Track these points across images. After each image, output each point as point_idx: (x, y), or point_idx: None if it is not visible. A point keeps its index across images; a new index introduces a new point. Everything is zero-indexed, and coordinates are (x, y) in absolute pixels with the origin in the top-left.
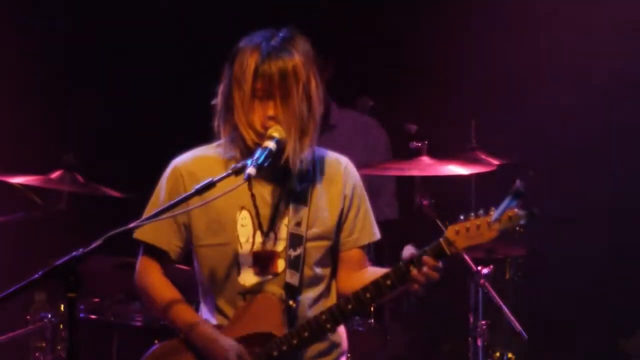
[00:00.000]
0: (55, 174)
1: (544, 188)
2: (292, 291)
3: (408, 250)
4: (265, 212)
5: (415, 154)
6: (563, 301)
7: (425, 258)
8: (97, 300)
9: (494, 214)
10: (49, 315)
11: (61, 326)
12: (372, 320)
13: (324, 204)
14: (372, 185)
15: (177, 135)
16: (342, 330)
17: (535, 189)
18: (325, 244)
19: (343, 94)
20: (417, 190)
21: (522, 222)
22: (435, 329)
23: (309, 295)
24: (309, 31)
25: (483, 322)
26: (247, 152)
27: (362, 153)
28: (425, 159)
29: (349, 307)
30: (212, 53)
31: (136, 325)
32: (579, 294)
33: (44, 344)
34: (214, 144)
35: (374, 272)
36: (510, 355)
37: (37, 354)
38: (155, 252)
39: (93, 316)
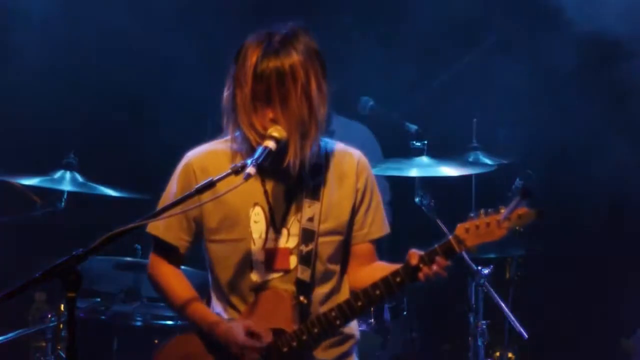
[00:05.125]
0: (55, 174)
1: (543, 187)
2: (304, 287)
3: (413, 256)
4: (278, 208)
5: (415, 154)
6: (563, 301)
7: (436, 256)
8: (97, 300)
9: (504, 212)
10: (49, 315)
11: (61, 326)
12: (372, 320)
13: (337, 198)
14: None
15: (177, 135)
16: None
17: (534, 188)
18: (338, 238)
19: (343, 94)
20: (417, 190)
21: (531, 220)
22: (435, 329)
23: (321, 291)
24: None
25: (483, 322)
26: (252, 150)
27: None
28: (425, 159)
29: (359, 303)
30: (213, 52)
31: (136, 325)
32: (579, 294)
33: (44, 344)
34: (225, 139)
35: (382, 266)
36: (510, 355)
37: (37, 354)
38: (165, 246)
39: (93, 316)
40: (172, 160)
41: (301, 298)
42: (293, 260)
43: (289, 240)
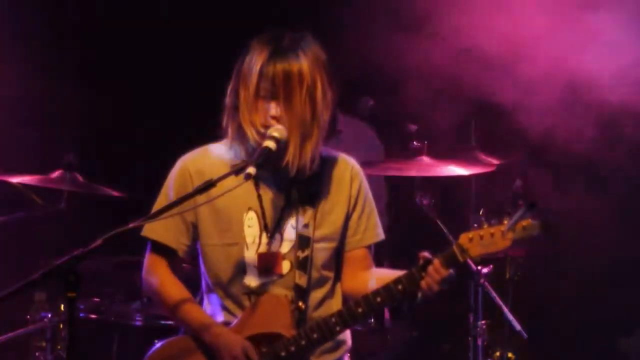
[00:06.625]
0: (55, 174)
1: (543, 187)
2: (301, 292)
3: (423, 258)
4: (272, 213)
5: (415, 154)
6: (563, 301)
7: (438, 265)
8: (97, 300)
9: (508, 223)
10: (49, 315)
11: (61, 326)
12: (372, 320)
13: (332, 205)
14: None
15: (176, 134)
16: None
17: (535, 188)
18: (332, 245)
19: (344, 94)
20: (417, 190)
21: (536, 232)
22: (435, 329)
23: (315, 296)
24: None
25: (483, 322)
26: (252, 151)
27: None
28: (425, 159)
29: (360, 310)
30: (214, 52)
31: (136, 325)
32: (579, 294)
33: (44, 344)
34: (222, 142)
35: (380, 273)
36: (510, 355)
37: (37, 354)
38: (163, 250)
39: (93, 316)
40: (172, 160)
41: (299, 303)
42: (286, 266)
43: (282, 245)
